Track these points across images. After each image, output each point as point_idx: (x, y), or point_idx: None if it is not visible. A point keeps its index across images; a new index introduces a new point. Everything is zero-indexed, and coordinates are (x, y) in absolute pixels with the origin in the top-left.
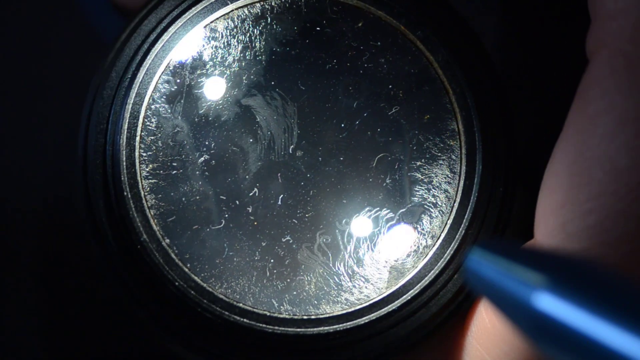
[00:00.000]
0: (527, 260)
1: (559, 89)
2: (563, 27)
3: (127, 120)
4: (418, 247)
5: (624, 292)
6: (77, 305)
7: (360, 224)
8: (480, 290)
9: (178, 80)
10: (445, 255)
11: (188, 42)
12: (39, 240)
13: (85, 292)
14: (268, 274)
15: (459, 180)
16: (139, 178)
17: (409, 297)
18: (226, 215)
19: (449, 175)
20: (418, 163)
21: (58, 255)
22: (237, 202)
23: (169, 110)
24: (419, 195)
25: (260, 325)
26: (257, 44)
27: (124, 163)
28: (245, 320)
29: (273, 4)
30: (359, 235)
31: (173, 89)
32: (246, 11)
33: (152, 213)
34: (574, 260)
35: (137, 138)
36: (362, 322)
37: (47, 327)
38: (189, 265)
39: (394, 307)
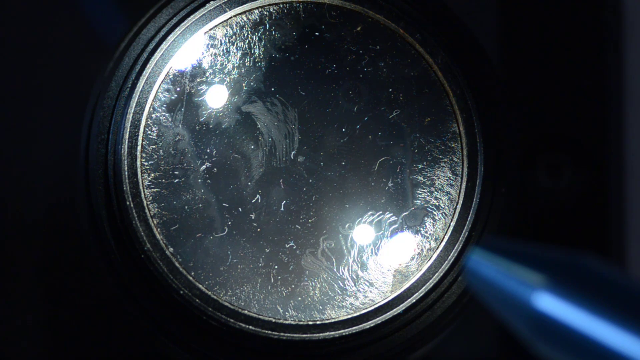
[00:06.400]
0: (527, 260)
1: (559, 89)
2: (562, 26)
3: (128, 130)
4: (422, 249)
5: (623, 292)
6: (79, 313)
7: (363, 228)
8: (480, 290)
9: (178, 89)
10: (449, 257)
11: (187, 50)
12: (41, 250)
13: (88, 301)
14: (272, 280)
15: (461, 182)
16: (141, 187)
17: (414, 300)
18: (229, 223)
19: (451, 177)
20: (420, 166)
21: (61, 264)
22: (240, 209)
23: (170, 119)
24: (422, 198)
25: (266, 332)
26: (257, 51)
27: (126, 172)
28: (250, 327)
29: (271, 10)
30: (362, 239)
31: (173, 98)
32: (244, 18)
33: (155, 222)
34: (574, 260)
35: (139, 147)
36: (368, 326)
37: (48, 334)
38: (193, 273)
39: (399, 311)
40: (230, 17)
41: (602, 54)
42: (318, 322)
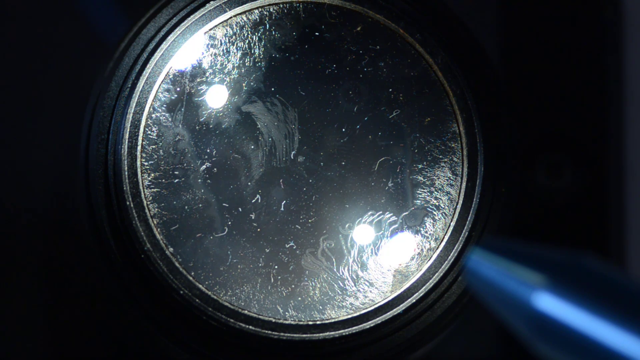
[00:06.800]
0: (527, 260)
1: (559, 89)
2: (562, 26)
3: (128, 130)
4: (422, 250)
5: (623, 292)
6: (79, 313)
7: (363, 228)
8: (480, 291)
9: (178, 89)
10: (449, 257)
11: (187, 50)
12: (41, 250)
13: (88, 301)
14: (272, 280)
15: (461, 182)
16: (141, 187)
17: (414, 300)
18: (229, 223)
19: (451, 177)
20: (420, 166)
21: (61, 264)
22: (240, 209)
23: (170, 119)
24: (422, 198)
25: (266, 332)
26: (257, 51)
27: (126, 172)
28: (250, 327)
29: (271, 10)
30: (362, 239)
31: (173, 98)
32: (244, 18)
33: (155, 222)
34: (574, 260)
35: (139, 147)
36: (368, 327)
37: (48, 334)
38: (193, 273)
39: (399, 311)
40: (230, 17)
41: (602, 54)
42: (318, 322)
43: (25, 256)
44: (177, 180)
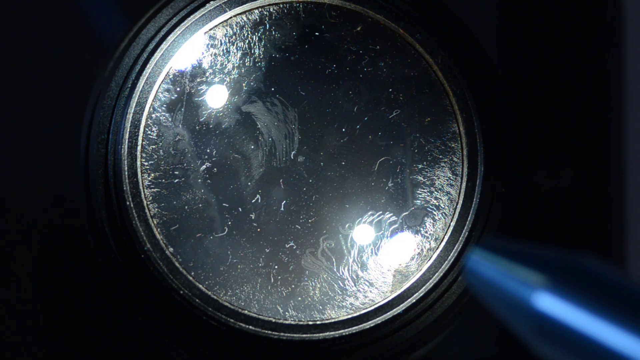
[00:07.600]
0: (527, 260)
1: (559, 89)
2: (563, 27)
3: (128, 130)
4: (422, 250)
5: (623, 292)
6: (79, 313)
7: (363, 228)
8: (480, 291)
9: (178, 89)
10: (449, 257)
11: (187, 50)
12: (41, 250)
13: (88, 301)
14: (272, 280)
15: (461, 182)
16: (141, 187)
17: (414, 300)
18: (229, 223)
19: (451, 177)
20: (420, 166)
21: (61, 264)
22: (240, 209)
23: (170, 119)
24: (422, 198)
25: (266, 332)
26: (257, 51)
27: (126, 172)
28: (250, 327)
29: (271, 10)
30: (362, 239)
31: (173, 98)
32: (244, 18)
33: (155, 222)
34: (574, 260)
35: (139, 147)
36: (368, 327)
37: (48, 334)
38: (193, 273)
39: (399, 311)
40: (230, 17)
41: (602, 54)
42: (318, 322)
43: (26, 256)
44: (177, 180)
